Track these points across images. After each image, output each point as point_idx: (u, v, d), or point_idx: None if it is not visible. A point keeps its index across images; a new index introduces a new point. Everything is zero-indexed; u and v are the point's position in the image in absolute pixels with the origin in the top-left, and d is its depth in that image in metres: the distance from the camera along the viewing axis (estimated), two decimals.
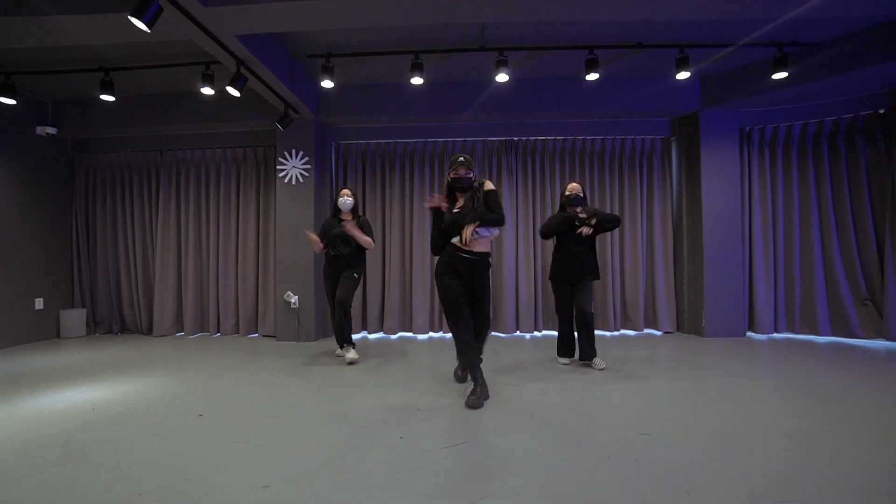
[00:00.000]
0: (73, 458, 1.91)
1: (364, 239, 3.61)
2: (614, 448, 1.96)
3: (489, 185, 2.65)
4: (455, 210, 2.68)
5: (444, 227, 2.68)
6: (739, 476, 1.71)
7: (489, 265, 2.75)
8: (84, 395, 2.83)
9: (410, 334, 4.88)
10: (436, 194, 2.71)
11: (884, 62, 3.55)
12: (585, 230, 3.24)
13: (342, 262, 3.65)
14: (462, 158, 2.64)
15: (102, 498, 1.60)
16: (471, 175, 2.65)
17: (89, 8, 2.70)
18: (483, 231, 2.61)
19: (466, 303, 2.63)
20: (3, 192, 4.38)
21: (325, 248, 3.72)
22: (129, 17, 2.29)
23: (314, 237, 3.65)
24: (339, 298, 3.55)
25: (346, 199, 3.69)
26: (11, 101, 3.93)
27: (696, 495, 1.58)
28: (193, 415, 2.44)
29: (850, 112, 4.31)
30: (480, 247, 2.65)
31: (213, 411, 2.50)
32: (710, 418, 2.31)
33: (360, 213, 3.92)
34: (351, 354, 3.56)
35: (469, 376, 2.74)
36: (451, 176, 2.66)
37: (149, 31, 2.38)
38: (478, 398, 2.49)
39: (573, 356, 3.51)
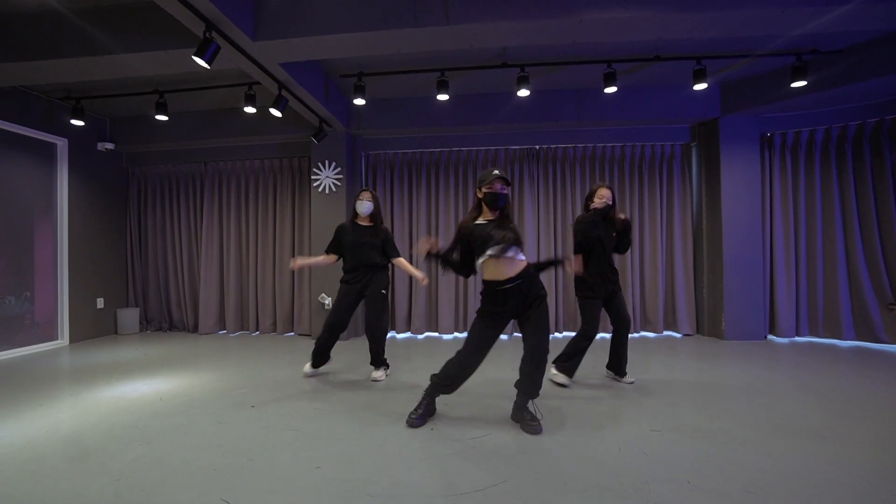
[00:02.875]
0: (153, 440, 2.25)
1: (413, 271, 3.22)
2: (624, 442, 2.16)
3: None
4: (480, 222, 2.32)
5: (471, 245, 2.31)
6: (738, 469, 1.88)
7: (537, 276, 2.32)
8: (150, 386, 3.20)
9: (436, 334, 5.14)
10: (423, 239, 2.35)
11: None
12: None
13: (368, 277, 3.22)
14: (497, 172, 2.27)
15: (185, 470, 1.91)
16: (507, 191, 2.32)
17: (153, 46, 3.06)
18: (511, 252, 2.23)
19: (486, 353, 2.32)
20: (73, 202, 4.87)
21: (336, 260, 3.35)
22: (192, 56, 2.62)
23: (306, 262, 3.30)
24: (382, 324, 3.25)
25: (365, 203, 3.23)
26: (81, 123, 4.41)
27: (696, 484, 1.76)
28: (247, 406, 2.76)
29: (876, 116, 4.31)
30: (518, 267, 2.25)
31: (264, 403, 2.81)
32: (719, 418, 2.46)
33: (382, 221, 3.36)
34: (379, 374, 3.31)
35: (423, 410, 2.44)
36: (486, 191, 2.28)
37: (209, 67, 2.70)
38: (420, 417, 2.39)
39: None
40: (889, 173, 4.27)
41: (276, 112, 3.69)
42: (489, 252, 2.22)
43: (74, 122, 4.38)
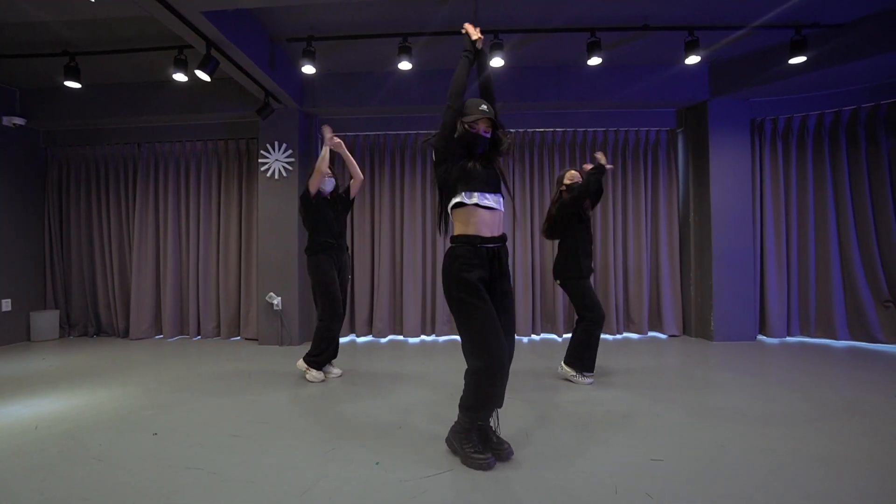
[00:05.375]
0: None
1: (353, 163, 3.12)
2: (621, 478, 1.69)
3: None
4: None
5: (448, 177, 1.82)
6: None
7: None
8: (33, 408, 2.56)
9: (401, 337, 4.62)
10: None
11: None
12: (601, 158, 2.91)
13: (342, 253, 3.10)
14: (486, 108, 1.83)
15: None
16: (489, 136, 1.87)
17: None
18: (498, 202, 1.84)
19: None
20: None
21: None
22: None
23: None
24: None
25: (329, 180, 3.07)
26: None
27: None
28: (147, 433, 2.17)
29: (871, 101, 4.03)
30: (501, 224, 1.86)
31: (171, 428, 2.23)
32: (730, 441, 2.04)
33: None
34: (337, 370, 3.20)
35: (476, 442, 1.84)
36: (465, 128, 1.81)
37: (92, 1, 2.10)
38: (488, 458, 1.78)
39: None
40: (885, 162, 4.00)
41: (203, 75, 3.09)
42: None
43: None
